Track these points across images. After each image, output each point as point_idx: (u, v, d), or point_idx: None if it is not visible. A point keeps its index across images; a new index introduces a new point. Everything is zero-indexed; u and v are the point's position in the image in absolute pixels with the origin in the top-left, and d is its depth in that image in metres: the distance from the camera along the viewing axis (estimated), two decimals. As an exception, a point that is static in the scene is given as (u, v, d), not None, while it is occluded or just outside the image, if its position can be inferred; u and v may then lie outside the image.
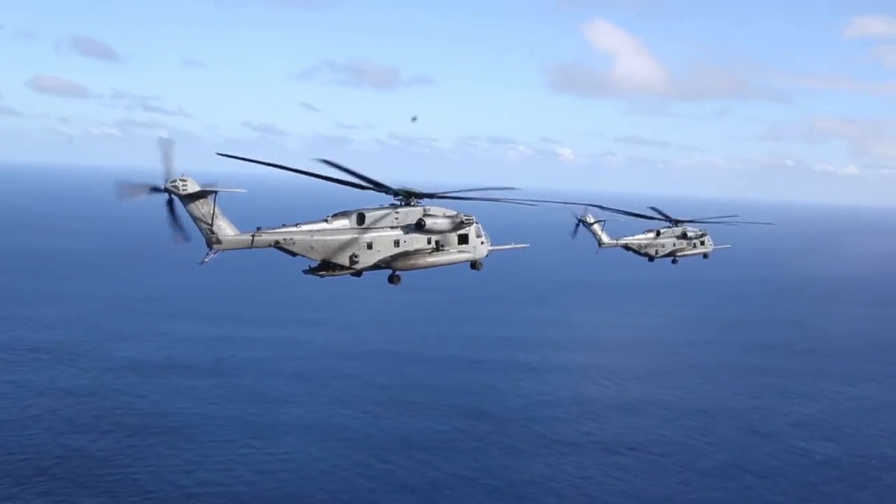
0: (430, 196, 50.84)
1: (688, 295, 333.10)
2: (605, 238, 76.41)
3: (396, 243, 50.31)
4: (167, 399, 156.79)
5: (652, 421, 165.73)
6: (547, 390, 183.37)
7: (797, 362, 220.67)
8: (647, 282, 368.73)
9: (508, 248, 59.66)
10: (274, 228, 45.94)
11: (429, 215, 51.12)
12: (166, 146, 40.54)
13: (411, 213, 50.72)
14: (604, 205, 74.55)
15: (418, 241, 51.08)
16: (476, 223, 54.03)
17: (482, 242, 54.89)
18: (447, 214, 52.14)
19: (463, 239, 53.46)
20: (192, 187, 41.64)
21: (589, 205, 74.99)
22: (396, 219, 50.39)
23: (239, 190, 42.36)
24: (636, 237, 79.50)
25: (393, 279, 51.63)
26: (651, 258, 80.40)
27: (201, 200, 42.34)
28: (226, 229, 43.56)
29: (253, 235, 44.92)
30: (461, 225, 52.85)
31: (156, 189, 40.88)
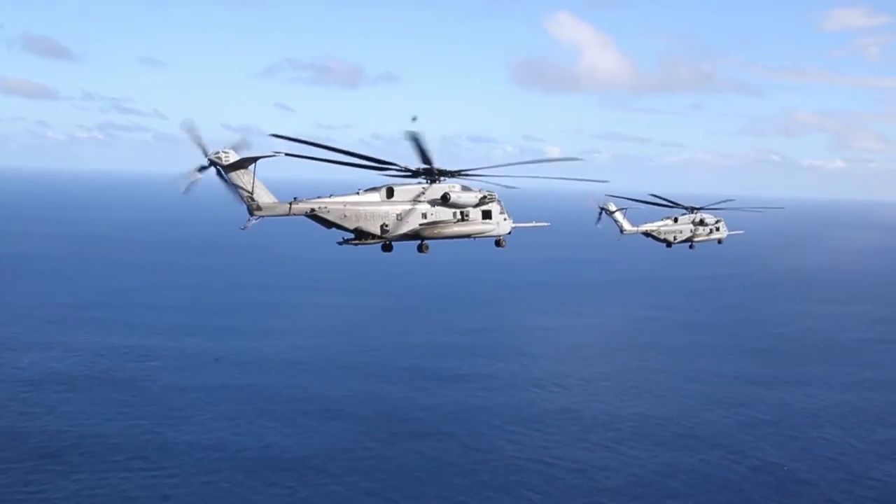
0: (455, 174, 53.50)
1: (651, 293, 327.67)
2: (626, 225, 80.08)
3: (424, 215, 53.54)
4: (62, 417, 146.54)
5: (585, 427, 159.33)
6: (480, 398, 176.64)
7: (750, 363, 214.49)
8: (609, 280, 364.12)
9: (531, 226, 62.60)
10: (309, 199, 48.95)
11: (454, 191, 54.14)
12: (190, 125, 43.92)
13: (437, 189, 53.77)
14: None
15: (444, 213, 54.29)
16: (498, 200, 57.06)
17: (505, 219, 57.75)
18: (471, 191, 55.21)
19: (486, 214, 56.57)
20: (233, 157, 44.78)
21: (613, 196, 79.25)
22: (423, 193, 53.55)
23: (278, 153, 44.60)
24: (655, 224, 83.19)
25: (422, 248, 54.48)
26: (669, 244, 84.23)
27: (242, 170, 45.47)
28: (264, 197, 46.52)
29: (290, 204, 47.82)
30: (484, 200, 55.84)
31: (202, 167, 44.67)
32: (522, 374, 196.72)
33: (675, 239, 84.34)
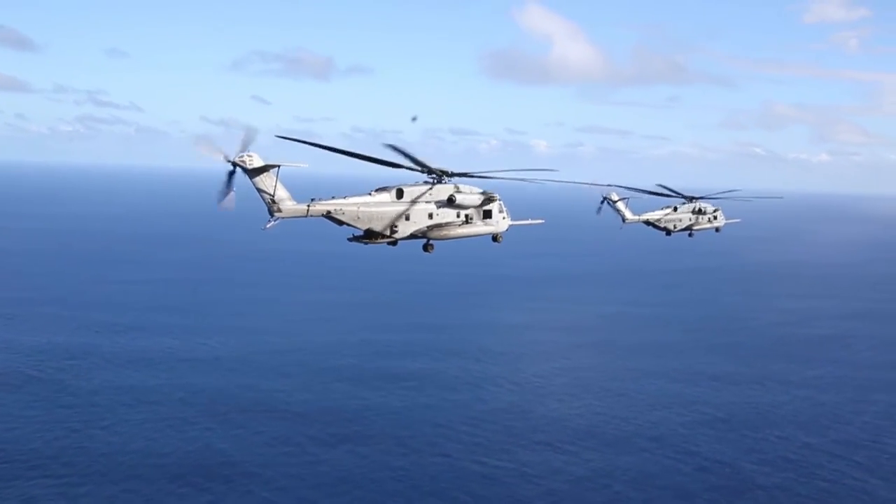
0: (460, 175, 55.68)
1: (622, 287, 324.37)
2: (628, 214, 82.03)
3: (430, 216, 55.89)
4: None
5: (533, 426, 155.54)
6: (430, 396, 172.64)
7: (712, 359, 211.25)
8: (581, 274, 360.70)
9: (527, 224, 65.51)
10: (325, 200, 51.28)
11: (459, 192, 56.66)
12: (251, 133, 46.16)
13: (443, 190, 56.19)
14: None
15: (449, 214, 56.76)
16: (499, 200, 59.85)
17: (504, 218, 60.72)
18: (474, 192, 57.98)
19: (487, 214, 59.30)
20: (257, 162, 46.71)
21: (615, 186, 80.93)
22: (430, 194, 55.75)
23: (301, 164, 46.62)
24: (656, 213, 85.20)
25: (427, 247, 56.92)
26: (669, 232, 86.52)
27: (265, 174, 47.45)
28: (285, 200, 48.76)
29: (308, 206, 49.99)
30: (486, 201, 58.70)
31: (230, 174, 46.19)
32: (478, 372, 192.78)
33: (675, 227, 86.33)
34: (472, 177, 56.13)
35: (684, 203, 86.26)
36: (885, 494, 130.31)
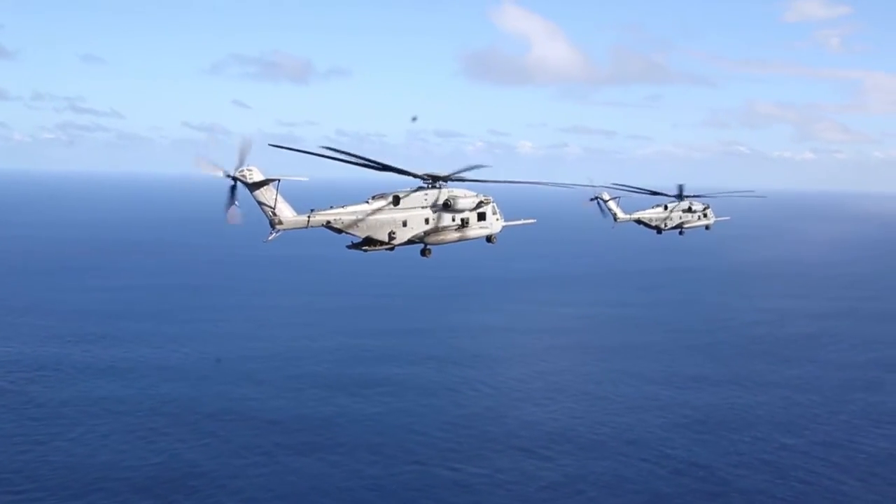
0: (454, 179, 56.10)
1: (603, 288, 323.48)
2: (619, 214, 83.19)
3: (427, 221, 56.52)
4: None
5: (509, 431, 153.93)
6: (406, 401, 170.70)
7: (690, 360, 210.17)
8: (563, 275, 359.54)
9: (519, 224, 65.93)
10: (325, 210, 51.89)
11: (454, 196, 57.30)
12: (245, 143, 46.52)
13: (439, 195, 56.87)
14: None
15: (445, 218, 57.35)
16: (493, 202, 60.36)
17: (497, 219, 61.20)
18: (469, 195, 58.44)
19: (482, 216, 59.72)
20: (257, 176, 47.13)
21: (606, 186, 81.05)
22: (426, 199, 56.38)
23: (301, 178, 46.82)
24: (647, 212, 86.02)
25: (425, 252, 57.77)
26: (660, 230, 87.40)
27: (265, 187, 47.85)
28: (285, 212, 49.27)
29: (308, 217, 50.48)
30: (481, 204, 59.21)
31: (232, 189, 46.49)
32: (456, 376, 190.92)
33: (665, 225, 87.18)
34: (465, 181, 56.18)
35: (675, 201, 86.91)
36: (862, 495, 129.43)
